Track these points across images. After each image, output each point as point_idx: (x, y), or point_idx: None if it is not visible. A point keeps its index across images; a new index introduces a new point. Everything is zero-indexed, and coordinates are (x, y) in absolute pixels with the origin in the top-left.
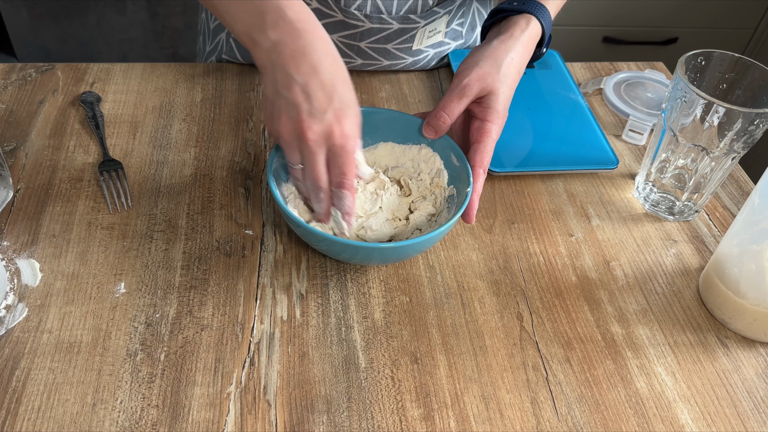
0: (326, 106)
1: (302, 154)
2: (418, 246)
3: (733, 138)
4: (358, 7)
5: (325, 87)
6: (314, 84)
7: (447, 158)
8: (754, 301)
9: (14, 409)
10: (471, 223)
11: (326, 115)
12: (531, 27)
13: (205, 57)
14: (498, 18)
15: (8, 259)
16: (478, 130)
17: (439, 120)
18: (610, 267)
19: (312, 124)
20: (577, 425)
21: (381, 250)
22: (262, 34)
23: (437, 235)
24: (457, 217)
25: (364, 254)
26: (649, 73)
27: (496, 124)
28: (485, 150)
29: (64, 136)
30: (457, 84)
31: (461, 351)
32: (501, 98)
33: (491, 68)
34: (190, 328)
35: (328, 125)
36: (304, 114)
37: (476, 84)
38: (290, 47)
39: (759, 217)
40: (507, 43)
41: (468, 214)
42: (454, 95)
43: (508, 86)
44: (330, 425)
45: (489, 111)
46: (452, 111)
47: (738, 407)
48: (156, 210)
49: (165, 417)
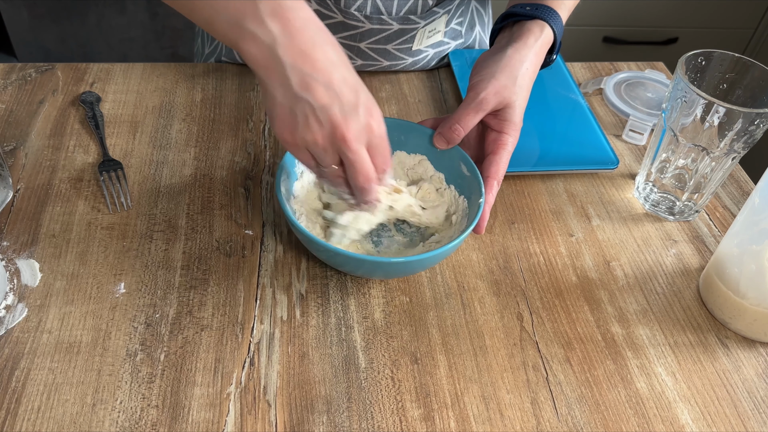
0: (356, 101)
1: (343, 155)
2: (428, 261)
3: (734, 138)
4: (358, 8)
5: (347, 82)
6: (337, 80)
7: (457, 168)
8: (754, 301)
9: (14, 410)
10: (481, 233)
11: (359, 110)
12: (544, 34)
13: (204, 59)
14: (509, 22)
15: (8, 259)
16: (495, 141)
17: (453, 132)
18: (611, 267)
19: (351, 124)
20: (577, 425)
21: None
22: (258, 24)
23: (449, 248)
24: (469, 231)
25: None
26: (649, 73)
27: (513, 136)
28: (500, 162)
29: (63, 136)
30: (474, 97)
31: (461, 351)
32: (518, 111)
33: (507, 80)
34: (190, 328)
35: (365, 122)
36: (337, 115)
37: (493, 98)
38: (297, 40)
39: (759, 217)
40: (522, 52)
41: (479, 225)
42: (470, 108)
43: (523, 98)
44: (330, 425)
45: (506, 123)
46: (467, 124)
47: (738, 407)
48: (156, 210)
49: (165, 417)
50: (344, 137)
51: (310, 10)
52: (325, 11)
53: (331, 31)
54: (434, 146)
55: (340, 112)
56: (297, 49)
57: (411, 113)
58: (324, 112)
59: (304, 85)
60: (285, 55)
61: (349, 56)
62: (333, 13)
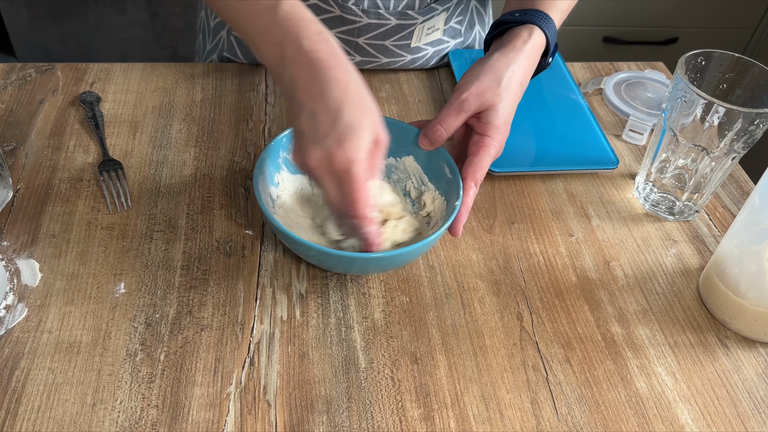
0: (329, 130)
1: (313, 182)
2: (400, 258)
3: (734, 138)
4: (355, 2)
5: (330, 112)
6: (320, 110)
7: (440, 170)
8: (754, 301)
9: (14, 410)
10: (457, 236)
11: (327, 140)
12: (534, 37)
13: (206, 55)
14: (500, 30)
15: (8, 259)
16: (476, 143)
17: (435, 133)
18: (610, 267)
19: (312, 151)
20: (577, 425)
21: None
22: (282, 69)
23: (419, 247)
24: (442, 231)
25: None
26: (649, 73)
27: (495, 139)
28: (479, 164)
29: (63, 136)
30: (456, 98)
31: (461, 351)
32: (501, 113)
33: (491, 83)
34: (190, 328)
35: (327, 150)
36: (307, 141)
37: (475, 99)
38: (303, 79)
39: (759, 217)
40: (508, 55)
41: (454, 227)
42: (452, 109)
43: (509, 101)
44: (330, 425)
45: (487, 126)
46: (449, 125)
47: (738, 407)
48: (156, 210)
49: (165, 417)
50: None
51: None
52: (323, 5)
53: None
54: (418, 147)
55: (310, 139)
56: (302, 85)
57: (411, 113)
58: (300, 138)
59: (297, 114)
60: (293, 91)
61: (347, 52)
62: (331, 8)
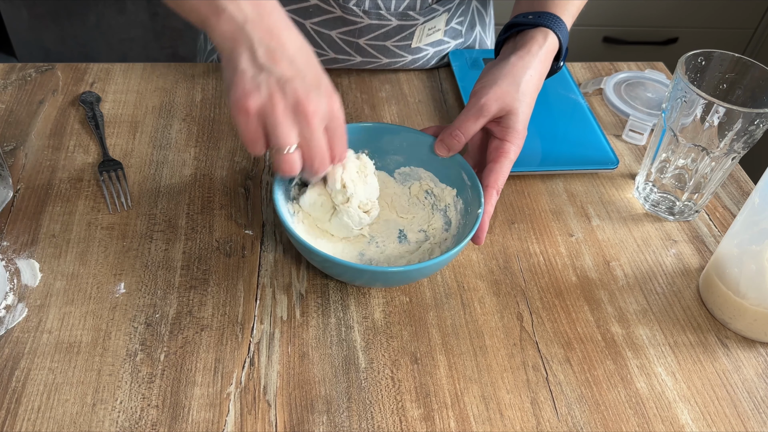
0: (318, 82)
1: (302, 131)
2: (425, 270)
3: (734, 138)
4: (356, 3)
5: (311, 64)
6: (301, 59)
7: (458, 176)
8: (754, 301)
9: (14, 410)
10: (480, 245)
11: (321, 90)
12: (548, 42)
13: (207, 55)
14: (513, 32)
15: (8, 259)
16: (497, 149)
17: (454, 139)
18: (610, 267)
19: (313, 98)
20: (577, 425)
21: (386, 273)
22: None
23: (445, 259)
24: (466, 241)
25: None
26: (649, 73)
27: (515, 144)
28: (501, 171)
29: (63, 136)
30: (475, 103)
31: (461, 351)
32: (521, 117)
33: (510, 87)
34: (190, 328)
35: (327, 101)
36: (299, 89)
37: (495, 104)
38: (267, 20)
39: (759, 217)
40: (525, 59)
41: (478, 236)
42: (471, 114)
43: (527, 104)
44: (330, 425)
45: (508, 131)
46: (468, 130)
47: (738, 407)
48: (156, 210)
49: (165, 417)
50: (305, 111)
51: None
52: (325, 5)
53: (330, 27)
54: (435, 154)
55: (302, 87)
56: (266, 27)
57: (411, 113)
58: (288, 84)
59: (271, 57)
60: (254, 31)
61: (347, 53)
62: (332, 8)
